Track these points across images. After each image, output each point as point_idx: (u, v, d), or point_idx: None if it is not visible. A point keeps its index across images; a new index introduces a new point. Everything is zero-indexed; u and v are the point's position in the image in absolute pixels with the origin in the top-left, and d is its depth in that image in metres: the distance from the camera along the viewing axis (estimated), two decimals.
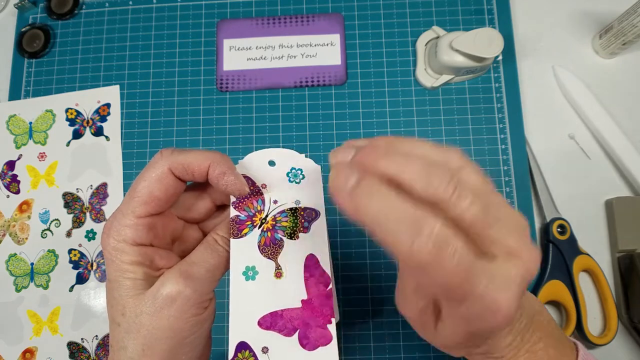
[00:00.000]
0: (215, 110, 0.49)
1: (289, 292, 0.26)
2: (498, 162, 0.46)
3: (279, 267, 0.27)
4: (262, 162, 0.28)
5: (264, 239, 0.27)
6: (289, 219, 0.27)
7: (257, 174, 0.28)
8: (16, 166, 0.49)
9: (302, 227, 0.27)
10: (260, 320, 0.26)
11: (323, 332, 0.25)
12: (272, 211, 0.28)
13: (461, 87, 0.48)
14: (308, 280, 0.26)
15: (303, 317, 0.26)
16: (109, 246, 0.25)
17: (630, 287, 0.42)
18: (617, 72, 0.48)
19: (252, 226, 0.27)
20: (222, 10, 0.51)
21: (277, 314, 0.26)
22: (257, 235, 0.27)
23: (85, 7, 0.52)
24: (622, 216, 0.44)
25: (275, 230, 0.27)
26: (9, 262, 0.47)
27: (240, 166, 0.28)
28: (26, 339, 0.45)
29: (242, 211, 0.27)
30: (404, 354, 0.43)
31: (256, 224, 0.27)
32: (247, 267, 0.26)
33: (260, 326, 0.26)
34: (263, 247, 0.27)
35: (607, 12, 0.49)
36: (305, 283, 0.26)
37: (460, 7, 0.50)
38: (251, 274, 0.27)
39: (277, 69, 0.49)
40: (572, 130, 0.47)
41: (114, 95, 0.50)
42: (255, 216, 0.27)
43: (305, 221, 0.27)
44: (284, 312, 0.26)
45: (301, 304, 0.26)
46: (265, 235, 0.27)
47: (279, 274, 0.27)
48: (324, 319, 0.26)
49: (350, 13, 0.50)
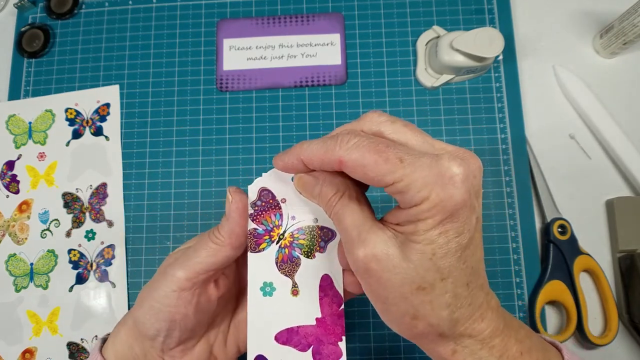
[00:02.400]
0: (215, 110, 0.49)
1: (305, 310, 0.28)
2: (498, 162, 0.46)
3: (295, 285, 0.28)
4: (285, 177, 0.28)
5: (281, 255, 0.28)
6: (306, 237, 0.28)
7: (279, 188, 0.28)
8: (16, 166, 0.49)
9: (318, 247, 0.28)
10: (277, 335, 0.27)
11: (334, 349, 0.27)
12: (290, 227, 0.28)
13: (461, 87, 0.48)
14: (322, 299, 0.28)
15: (317, 334, 0.27)
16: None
17: (630, 287, 0.42)
18: (618, 72, 0.48)
19: (270, 241, 0.28)
20: (222, 10, 0.51)
21: (293, 330, 0.27)
22: (275, 252, 0.28)
23: (84, 7, 0.52)
24: (622, 216, 0.44)
25: (292, 248, 0.28)
26: (8, 262, 0.47)
27: (264, 178, 0.28)
28: (26, 339, 0.45)
29: (259, 224, 0.28)
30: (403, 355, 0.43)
31: (274, 240, 0.28)
32: (264, 283, 0.28)
33: (277, 341, 0.27)
34: (280, 263, 0.28)
35: (607, 11, 0.49)
36: (319, 302, 0.28)
37: (460, 6, 0.49)
38: (269, 290, 0.28)
39: (277, 68, 0.49)
40: (573, 130, 0.47)
41: (114, 95, 0.50)
42: (274, 231, 0.28)
43: (322, 240, 0.28)
44: (300, 329, 0.27)
45: (315, 321, 0.27)
46: (283, 252, 0.28)
47: (295, 292, 0.28)
48: (335, 337, 0.27)
49: (351, 13, 0.50)
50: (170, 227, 0.46)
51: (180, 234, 0.46)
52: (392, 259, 0.22)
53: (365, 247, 0.23)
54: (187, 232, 0.46)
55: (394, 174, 0.21)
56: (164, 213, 0.47)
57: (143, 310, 0.29)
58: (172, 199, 0.47)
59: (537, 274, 0.44)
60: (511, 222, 0.45)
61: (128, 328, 0.30)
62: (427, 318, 0.22)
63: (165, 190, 0.47)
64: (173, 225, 0.47)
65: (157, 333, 0.29)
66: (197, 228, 0.46)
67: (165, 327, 0.28)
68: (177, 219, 0.47)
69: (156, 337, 0.29)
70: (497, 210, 0.45)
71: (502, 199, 0.45)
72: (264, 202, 0.28)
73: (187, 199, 0.47)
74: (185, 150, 0.48)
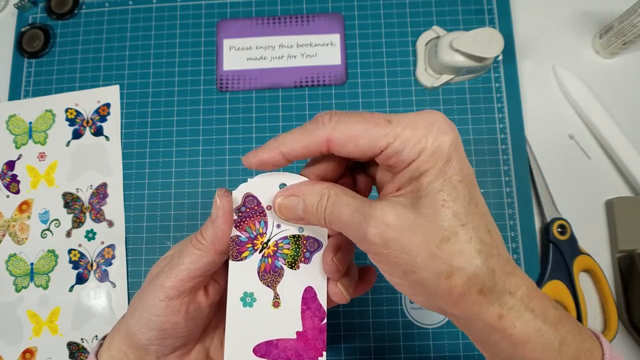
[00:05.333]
0: (215, 110, 0.49)
1: (286, 323, 0.26)
2: (498, 162, 0.46)
3: (277, 297, 0.27)
4: (272, 184, 0.27)
5: (264, 265, 0.27)
6: (291, 247, 0.27)
7: (265, 194, 0.27)
8: (16, 166, 0.49)
9: (303, 257, 0.27)
10: (255, 347, 0.26)
11: None
12: (274, 236, 0.27)
13: (461, 87, 0.48)
14: (304, 312, 0.27)
15: (296, 348, 0.26)
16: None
17: (630, 287, 0.42)
18: (618, 72, 0.48)
19: (253, 250, 0.27)
20: (222, 10, 0.51)
21: (273, 343, 0.26)
22: (258, 260, 0.27)
23: (85, 7, 0.52)
24: (622, 216, 0.44)
25: (276, 257, 0.27)
26: (8, 262, 0.47)
27: (249, 184, 0.27)
28: (26, 339, 0.45)
29: (243, 231, 0.27)
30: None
31: (257, 248, 0.27)
32: (245, 293, 0.27)
33: (255, 354, 0.26)
34: (263, 273, 0.27)
35: (607, 12, 0.49)
36: (301, 315, 0.26)
37: (460, 7, 0.49)
38: (249, 300, 0.27)
39: (277, 69, 0.49)
40: (572, 130, 0.47)
41: (114, 95, 0.50)
42: (257, 239, 0.27)
43: (307, 251, 0.27)
44: (279, 342, 0.26)
45: (296, 335, 0.26)
46: (266, 262, 0.27)
47: (276, 304, 0.27)
48: (315, 352, 0.26)
49: (350, 13, 0.50)
50: (170, 227, 0.47)
51: (180, 233, 0.46)
52: (406, 220, 0.21)
53: (375, 222, 0.22)
54: (187, 232, 0.46)
55: (387, 136, 0.22)
56: (164, 213, 0.47)
57: (134, 320, 0.28)
58: (172, 199, 0.47)
59: (536, 273, 0.44)
60: (511, 222, 0.45)
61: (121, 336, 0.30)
62: (463, 270, 0.21)
63: (166, 190, 0.47)
64: (173, 225, 0.47)
65: (149, 342, 0.28)
66: (197, 228, 0.46)
67: (157, 336, 0.28)
68: (177, 219, 0.47)
69: (148, 346, 0.29)
70: (496, 210, 0.45)
71: (501, 199, 0.45)
72: (249, 209, 0.27)
73: (187, 199, 0.47)
74: (185, 150, 0.48)
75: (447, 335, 0.43)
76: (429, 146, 0.21)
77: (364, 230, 0.22)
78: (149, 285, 0.28)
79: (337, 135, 0.22)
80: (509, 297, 0.22)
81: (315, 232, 0.27)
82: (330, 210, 0.24)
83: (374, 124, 0.22)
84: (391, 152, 0.22)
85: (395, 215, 0.21)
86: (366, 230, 0.22)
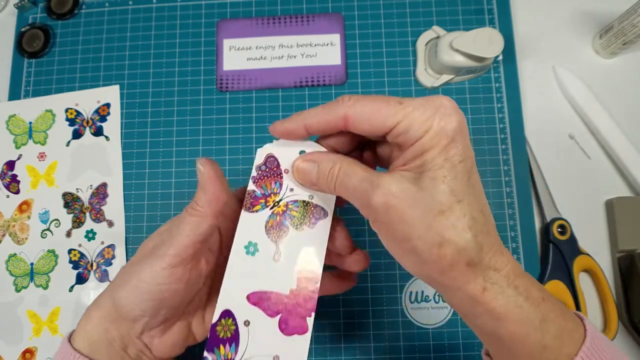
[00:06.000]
0: (215, 110, 0.49)
1: (282, 278, 0.28)
2: (498, 162, 0.46)
3: (278, 252, 0.28)
4: (293, 150, 0.29)
5: (272, 221, 0.29)
6: (299, 210, 0.29)
7: (285, 159, 0.29)
8: (16, 166, 0.49)
9: (309, 222, 0.29)
10: (250, 294, 0.28)
11: (301, 323, 0.27)
12: (286, 197, 0.29)
13: (461, 87, 0.48)
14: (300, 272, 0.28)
15: (287, 304, 0.27)
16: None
17: (630, 287, 0.42)
18: (618, 72, 0.48)
19: (265, 205, 0.29)
20: (222, 10, 0.51)
21: (266, 294, 0.28)
22: (267, 216, 0.29)
23: (85, 7, 0.52)
24: (622, 216, 0.44)
25: (284, 217, 0.29)
26: (8, 262, 0.47)
27: (273, 145, 0.29)
28: (26, 339, 0.45)
29: (259, 188, 0.29)
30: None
31: (269, 205, 0.29)
32: (249, 242, 0.28)
33: (249, 300, 0.28)
34: (269, 228, 0.28)
35: (607, 12, 0.49)
36: (297, 274, 0.28)
37: (460, 7, 0.49)
38: (252, 249, 0.28)
39: (277, 69, 0.49)
40: (573, 130, 0.47)
41: (114, 95, 0.50)
42: (270, 197, 0.29)
43: (313, 217, 0.29)
44: (272, 295, 0.28)
45: (289, 292, 0.28)
46: (274, 219, 0.29)
47: (277, 258, 0.28)
48: (305, 312, 0.27)
49: (350, 13, 0.50)
50: None
51: None
52: (408, 192, 0.24)
53: (381, 190, 0.24)
54: None
55: (397, 115, 0.24)
56: (164, 213, 0.47)
57: (126, 291, 0.29)
58: (172, 199, 0.47)
59: (536, 274, 0.44)
60: (511, 222, 0.45)
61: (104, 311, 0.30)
62: (453, 241, 0.23)
63: (166, 190, 0.47)
64: None
65: (143, 313, 0.29)
66: None
67: (152, 306, 0.29)
68: None
69: (140, 318, 0.29)
70: (496, 210, 0.45)
71: (501, 198, 0.45)
72: (268, 168, 0.29)
73: (188, 198, 0.47)
74: (185, 150, 0.48)
75: (447, 335, 0.43)
76: (434, 126, 0.23)
77: (370, 196, 0.24)
78: (147, 257, 0.29)
79: (354, 112, 0.25)
80: (494, 273, 0.23)
81: (323, 202, 0.29)
82: (342, 178, 0.26)
83: (386, 104, 0.24)
84: (400, 130, 0.24)
85: (399, 186, 0.24)
86: (371, 196, 0.24)
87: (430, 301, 0.44)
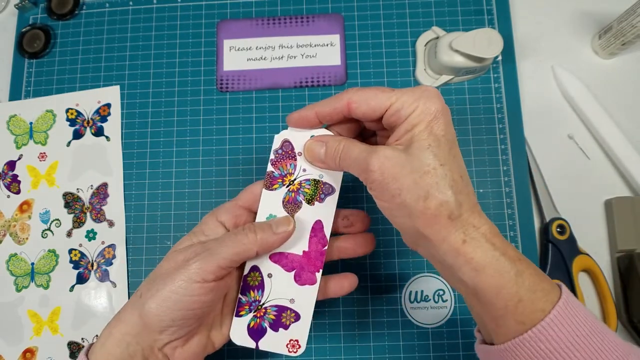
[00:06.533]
0: (215, 110, 0.49)
1: (296, 242, 0.34)
2: (498, 162, 0.46)
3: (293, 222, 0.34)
4: (305, 135, 0.34)
5: (288, 197, 0.34)
6: (311, 187, 0.34)
7: (298, 142, 0.35)
8: (17, 166, 0.49)
9: (318, 197, 0.34)
10: (271, 255, 0.34)
11: (311, 277, 0.34)
12: (299, 177, 0.35)
13: (461, 87, 0.48)
14: (312, 238, 0.34)
15: (301, 262, 0.34)
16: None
17: (629, 287, 0.42)
18: (617, 73, 0.48)
19: (282, 184, 0.35)
20: (222, 10, 0.51)
21: (284, 255, 0.34)
22: (284, 193, 0.35)
23: (85, 8, 0.52)
24: (621, 216, 0.44)
25: (298, 193, 0.34)
26: (9, 262, 0.47)
27: (289, 131, 0.35)
28: (26, 339, 0.45)
29: (277, 169, 0.35)
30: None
31: (285, 183, 0.35)
32: (270, 215, 0.34)
33: (270, 259, 0.34)
34: (286, 203, 0.34)
35: (606, 12, 0.49)
36: (309, 240, 0.34)
37: (459, 7, 0.50)
38: None
39: (277, 69, 0.49)
40: (572, 130, 0.47)
41: (115, 95, 0.50)
42: (286, 177, 0.35)
43: (322, 193, 0.34)
44: (289, 255, 0.34)
45: (302, 253, 0.34)
46: (290, 195, 0.34)
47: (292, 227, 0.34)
48: (315, 268, 0.34)
49: (350, 13, 0.50)
50: (170, 227, 0.47)
51: (181, 233, 0.46)
52: (399, 158, 0.28)
53: (377, 155, 0.28)
54: (187, 232, 0.46)
55: (391, 98, 0.29)
56: (164, 213, 0.47)
57: (157, 301, 0.30)
58: (173, 199, 0.47)
59: None
60: (510, 222, 0.45)
61: (128, 326, 0.31)
62: (436, 195, 0.27)
63: (166, 190, 0.47)
64: (174, 225, 0.47)
65: (172, 323, 0.30)
66: None
67: (181, 316, 0.30)
68: (177, 219, 0.47)
69: (168, 328, 0.30)
70: (496, 210, 0.45)
71: (501, 199, 0.45)
72: (284, 152, 0.35)
73: (188, 199, 0.47)
74: (185, 150, 0.48)
75: (447, 335, 0.43)
76: (420, 106, 0.28)
77: (368, 162, 0.29)
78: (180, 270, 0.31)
79: (355, 98, 0.30)
80: (473, 230, 0.27)
81: (332, 180, 0.35)
82: (345, 151, 0.31)
83: (382, 91, 0.30)
84: (393, 110, 0.29)
85: (392, 153, 0.28)
86: (369, 161, 0.28)
87: (430, 301, 0.44)
